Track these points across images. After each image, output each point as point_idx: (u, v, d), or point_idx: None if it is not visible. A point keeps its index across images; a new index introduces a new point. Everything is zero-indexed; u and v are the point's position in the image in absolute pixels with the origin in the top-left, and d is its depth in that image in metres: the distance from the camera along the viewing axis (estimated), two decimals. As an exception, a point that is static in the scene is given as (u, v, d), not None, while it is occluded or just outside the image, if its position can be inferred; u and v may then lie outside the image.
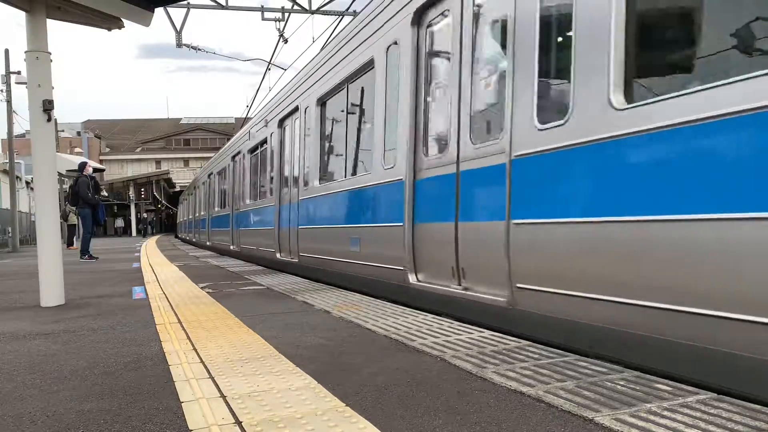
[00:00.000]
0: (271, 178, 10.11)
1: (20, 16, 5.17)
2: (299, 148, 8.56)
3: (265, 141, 10.90)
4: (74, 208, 11.97)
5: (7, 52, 24.07)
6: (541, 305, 3.43)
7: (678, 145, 2.55)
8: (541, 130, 3.41)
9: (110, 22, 5.49)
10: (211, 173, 18.75)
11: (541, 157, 3.42)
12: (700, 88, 2.48)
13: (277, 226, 9.64)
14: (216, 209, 17.55)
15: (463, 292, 4.23)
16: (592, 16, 3.05)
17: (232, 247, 14.23)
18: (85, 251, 12.20)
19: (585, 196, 3.10)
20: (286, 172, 9.33)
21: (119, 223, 48.86)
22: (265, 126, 10.81)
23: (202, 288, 6.30)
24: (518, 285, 3.61)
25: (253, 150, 12.09)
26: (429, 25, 4.86)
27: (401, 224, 5.07)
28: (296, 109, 8.71)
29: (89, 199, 11.72)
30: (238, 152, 13.78)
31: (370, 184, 5.84)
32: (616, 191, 2.88)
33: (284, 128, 9.67)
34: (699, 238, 2.45)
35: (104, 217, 12.69)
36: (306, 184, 8.08)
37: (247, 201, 12.56)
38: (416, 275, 4.97)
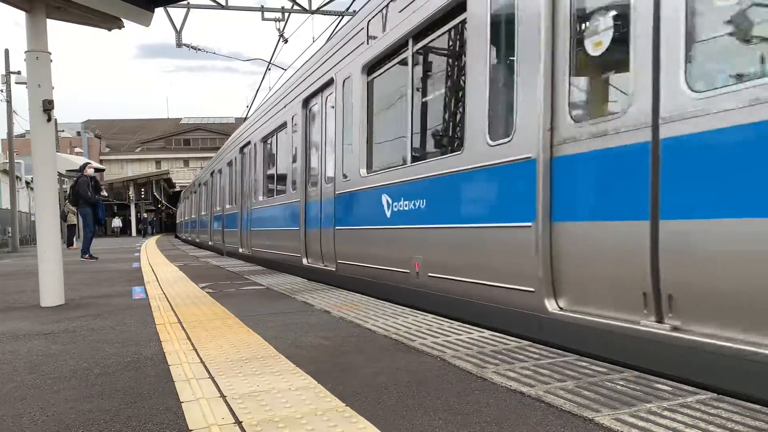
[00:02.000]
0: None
1: (18, 15, 5.17)
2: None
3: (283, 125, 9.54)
4: (74, 208, 11.96)
5: (7, 52, 24.09)
6: None
7: None
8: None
9: (110, 22, 5.49)
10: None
11: None
12: None
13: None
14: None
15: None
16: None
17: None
18: (86, 251, 12.22)
19: None
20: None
21: (116, 222, 48.62)
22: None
23: (202, 288, 6.30)
24: None
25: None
26: (310, 107, 8.21)
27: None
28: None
29: (89, 199, 11.76)
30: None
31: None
32: None
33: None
34: None
35: (104, 217, 12.70)
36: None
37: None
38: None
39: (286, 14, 14.93)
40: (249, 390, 2.38)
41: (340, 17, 13.69)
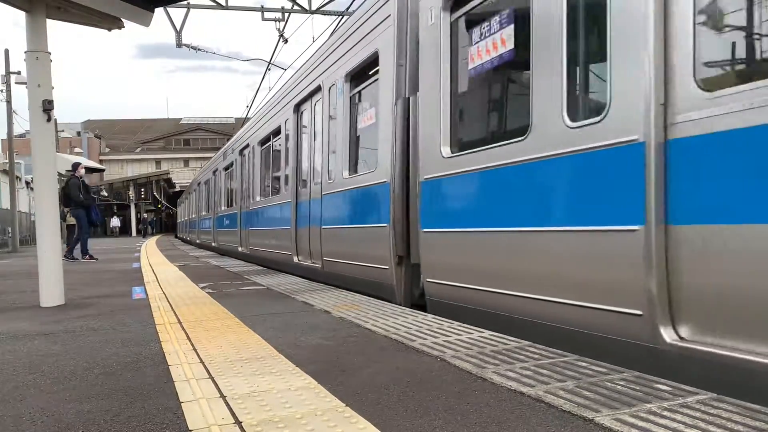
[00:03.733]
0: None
1: (18, 15, 5.17)
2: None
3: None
4: (67, 209, 11.95)
5: (7, 52, 24.09)
6: None
7: None
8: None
9: (110, 22, 5.49)
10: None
11: None
12: None
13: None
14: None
15: None
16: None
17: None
18: (84, 251, 12.22)
19: None
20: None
21: (115, 222, 48.42)
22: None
23: (202, 288, 6.30)
24: None
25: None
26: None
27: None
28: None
29: (79, 200, 11.76)
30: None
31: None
32: None
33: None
34: None
35: (98, 218, 12.74)
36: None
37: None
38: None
39: (286, 14, 14.93)
40: (249, 390, 2.38)
41: (340, 17, 13.68)
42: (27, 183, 32.61)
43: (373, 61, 5.81)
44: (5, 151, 27.94)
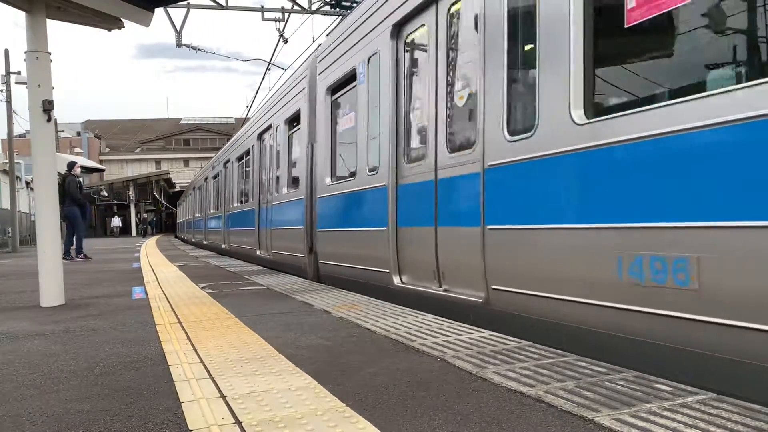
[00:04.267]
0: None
1: (18, 15, 5.17)
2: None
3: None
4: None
5: (7, 52, 24.08)
6: None
7: None
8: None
9: (110, 22, 5.49)
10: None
11: None
12: None
13: None
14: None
15: None
16: None
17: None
18: (79, 251, 12.21)
19: None
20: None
21: (116, 222, 48.34)
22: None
23: (202, 288, 6.30)
24: None
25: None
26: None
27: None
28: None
29: (79, 199, 11.78)
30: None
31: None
32: None
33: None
34: None
35: (90, 217, 12.97)
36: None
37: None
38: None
39: (286, 14, 14.94)
40: (249, 390, 2.38)
41: (340, 17, 13.68)
42: (27, 183, 32.62)
43: (298, 115, 8.36)
44: (5, 151, 27.94)
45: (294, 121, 8.77)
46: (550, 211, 3.26)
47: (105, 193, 46.63)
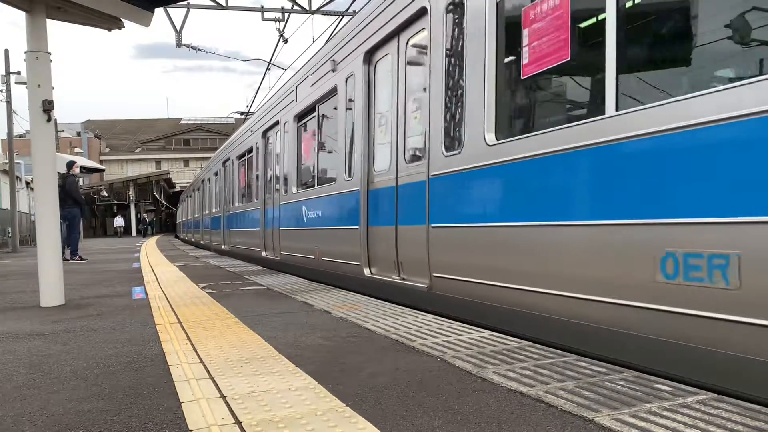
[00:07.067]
0: None
1: (17, 15, 5.17)
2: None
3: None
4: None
5: (7, 52, 24.07)
6: None
7: None
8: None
9: (110, 22, 5.49)
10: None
11: None
12: None
13: None
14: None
15: None
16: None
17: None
18: (74, 252, 12.22)
19: None
20: None
21: (119, 222, 48.33)
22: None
23: (202, 288, 6.30)
24: None
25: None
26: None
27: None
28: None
29: (80, 199, 11.82)
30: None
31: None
32: None
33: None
34: None
35: (87, 217, 13.11)
36: None
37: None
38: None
39: (286, 14, 14.93)
40: (249, 390, 2.38)
41: (340, 17, 13.68)
42: (27, 183, 32.61)
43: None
44: (5, 151, 27.93)
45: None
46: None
47: (105, 193, 46.60)
